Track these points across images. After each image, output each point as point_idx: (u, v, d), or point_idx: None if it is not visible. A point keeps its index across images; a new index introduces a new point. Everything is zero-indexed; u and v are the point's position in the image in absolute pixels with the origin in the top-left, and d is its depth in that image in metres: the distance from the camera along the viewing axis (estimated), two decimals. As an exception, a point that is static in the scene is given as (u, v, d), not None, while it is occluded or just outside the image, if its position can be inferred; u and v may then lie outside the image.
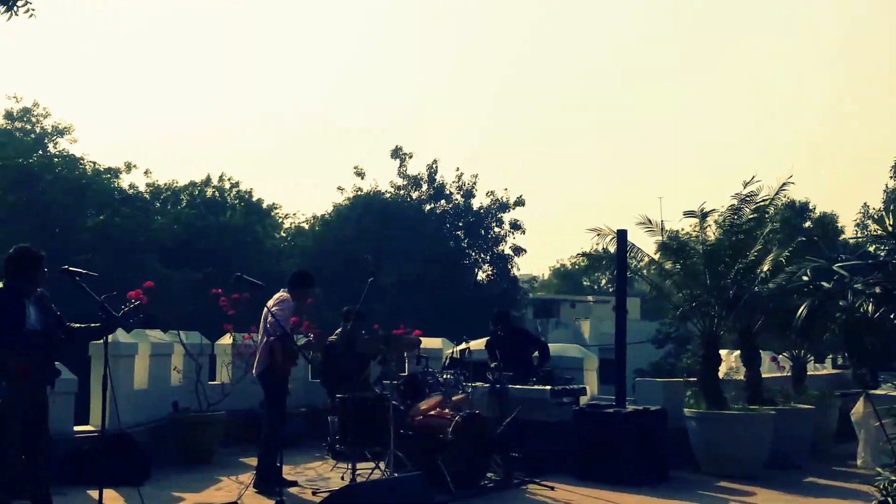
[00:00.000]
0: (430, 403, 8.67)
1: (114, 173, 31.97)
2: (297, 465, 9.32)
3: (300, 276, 8.71)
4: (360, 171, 33.67)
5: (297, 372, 11.75)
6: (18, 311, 6.10)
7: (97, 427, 9.04)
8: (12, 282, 6.20)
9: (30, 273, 6.24)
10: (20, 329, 6.07)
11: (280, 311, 8.01)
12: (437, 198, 34.17)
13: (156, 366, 10.23)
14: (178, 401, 9.87)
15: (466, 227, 34.05)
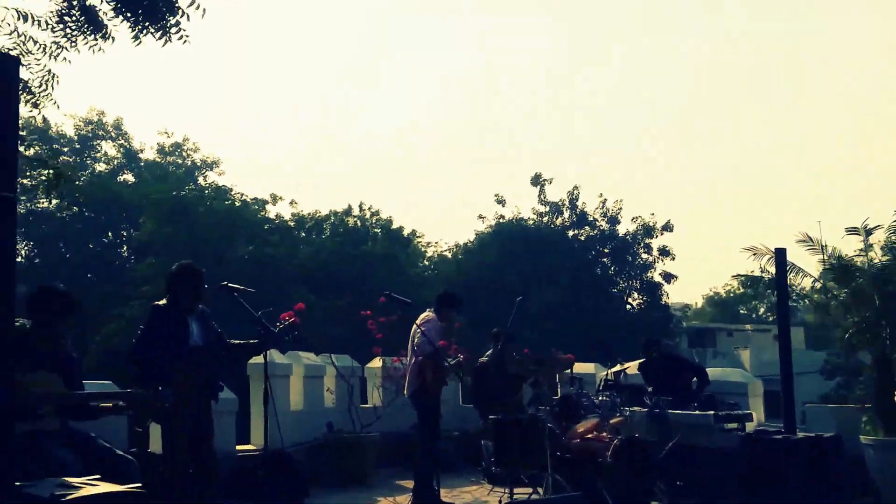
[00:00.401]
0: (586, 426, 8.57)
1: (261, 204, 33.45)
2: (453, 489, 9.33)
3: (446, 296, 8.77)
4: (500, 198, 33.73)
5: (447, 395, 11.84)
6: (182, 327, 6.32)
7: (257, 446, 9.35)
8: (175, 298, 6.43)
9: (191, 289, 6.46)
10: (184, 345, 6.28)
11: (426, 331, 8.07)
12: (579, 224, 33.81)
13: (310, 387, 10.52)
14: (332, 422, 10.11)
15: (612, 254, 33.49)
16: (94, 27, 6.38)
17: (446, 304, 8.57)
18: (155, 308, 6.44)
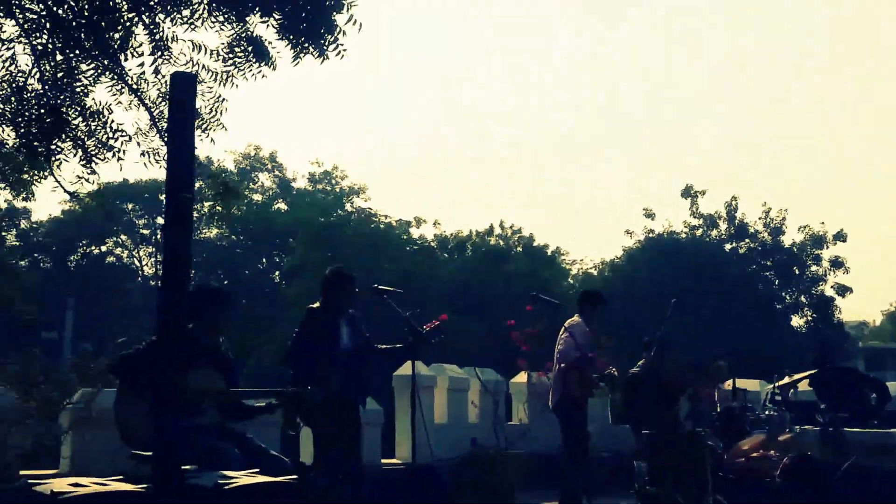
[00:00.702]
0: (752, 443, 8.09)
1: (405, 226, 34.37)
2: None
3: (588, 295, 8.59)
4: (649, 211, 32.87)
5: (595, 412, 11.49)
6: (332, 331, 6.53)
7: (402, 460, 9.28)
8: (327, 301, 6.66)
9: (342, 293, 6.69)
10: (334, 348, 6.44)
11: (569, 337, 7.84)
12: (738, 236, 32.51)
13: (454, 400, 10.43)
14: (476, 438, 9.93)
15: (776, 268, 31.95)
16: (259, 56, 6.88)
17: (590, 302, 8.31)
18: (309, 311, 6.73)
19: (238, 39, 6.78)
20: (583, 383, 7.79)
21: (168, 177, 4.09)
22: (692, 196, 32.81)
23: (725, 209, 32.70)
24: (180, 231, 4.04)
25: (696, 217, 32.97)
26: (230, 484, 3.96)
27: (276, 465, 5.27)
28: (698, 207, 32.88)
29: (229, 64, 6.87)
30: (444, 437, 9.85)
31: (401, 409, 9.73)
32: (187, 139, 4.10)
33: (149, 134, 7.00)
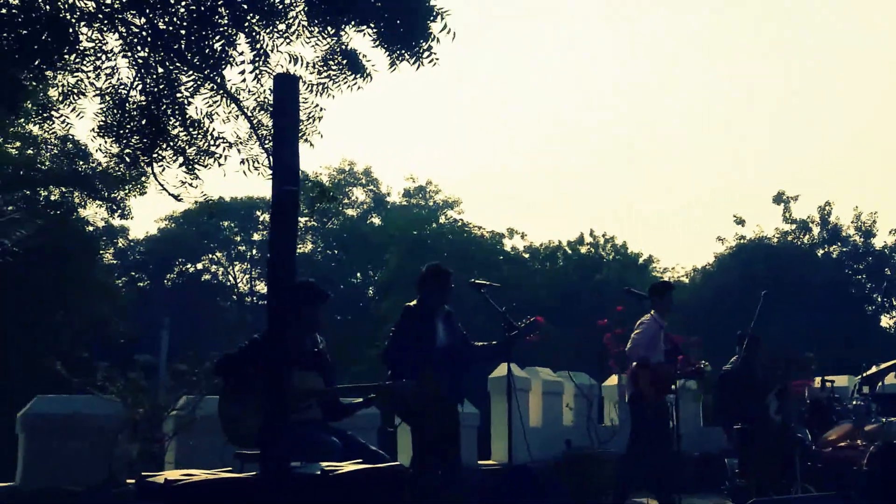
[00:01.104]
0: (839, 433, 8.10)
1: (498, 238, 34.73)
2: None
3: (653, 287, 8.49)
4: (739, 218, 32.48)
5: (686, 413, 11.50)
6: (429, 328, 6.57)
7: (499, 461, 9.44)
8: (424, 299, 6.72)
9: (439, 289, 6.70)
10: (430, 345, 6.50)
11: (638, 334, 7.84)
12: (831, 241, 31.90)
13: (548, 403, 10.58)
14: (570, 439, 10.05)
15: (868, 270, 31.29)
16: (353, 69, 7.00)
17: (657, 293, 8.24)
18: (406, 309, 6.79)
19: (333, 53, 6.93)
20: (654, 381, 7.71)
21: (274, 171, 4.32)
22: (784, 202, 32.41)
23: (819, 213, 32.20)
24: (286, 223, 4.23)
25: (789, 222, 32.54)
26: (336, 471, 4.14)
27: (378, 459, 5.37)
28: (791, 213, 32.45)
29: (324, 76, 7.03)
30: (539, 439, 9.94)
31: (496, 411, 9.90)
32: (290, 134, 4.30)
33: (248, 142, 7.19)
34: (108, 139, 6.99)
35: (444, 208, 43.64)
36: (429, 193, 45.11)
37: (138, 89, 6.83)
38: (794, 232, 32.47)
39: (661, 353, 7.88)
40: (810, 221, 32.32)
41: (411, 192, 45.18)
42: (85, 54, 6.41)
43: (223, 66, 6.56)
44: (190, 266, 42.54)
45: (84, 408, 6.92)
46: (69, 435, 6.94)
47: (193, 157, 7.11)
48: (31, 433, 7.04)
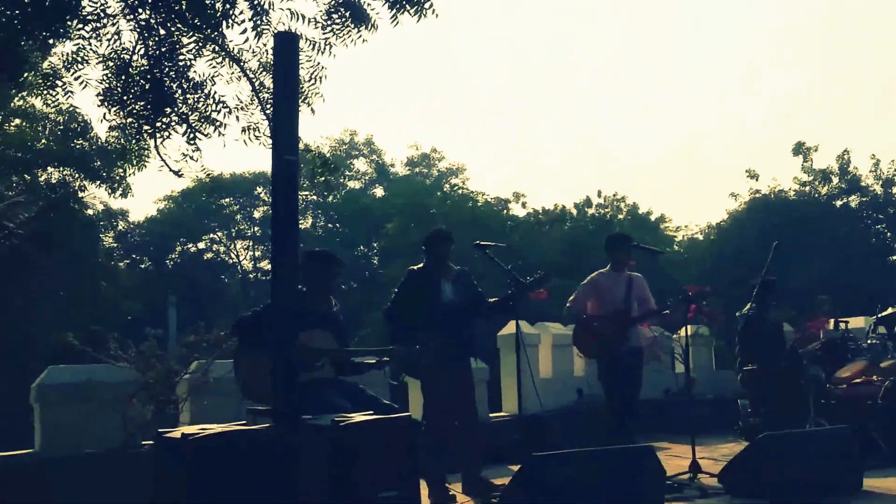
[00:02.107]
0: (853, 370, 8.23)
1: (503, 204, 34.92)
2: (709, 447, 9.20)
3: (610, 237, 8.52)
4: (752, 172, 32.25)
5: (698, 358, 11.78)
6: (433, 289, 6.85)
7: (510, 412, 9.71)
8: (428, 261, 7.02)
9: (437, 251, 6.99)
10: (434, 305, 6.77)
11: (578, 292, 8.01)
12: (850, 191, 31.70)
13: (558, 355, 10.80)
14: (581, 388, 10.31)
15: (888, 220, 30.81)
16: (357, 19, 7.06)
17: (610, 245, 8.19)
18: (409, 271, 7.10)
19: (336, 5, 7.00)
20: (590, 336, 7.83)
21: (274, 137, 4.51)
22: (804, 153, 32.16)
23: (838, 163, 31.91)
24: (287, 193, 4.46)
25: (808, 173, 32.29)
26: (347, 421, 4.40)
27: (388, 412, 5.52)
28: (812, 164, 32.17)
29: (328, 31, 7.09)
30: (551, 390, 10.23)
31: (506, 366, 10.14)
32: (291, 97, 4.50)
33: (250, 107, 7.35)
34: (111, 107, 7.14)
35: (448, 176, 44.05)
36: (432, 161, 45.43)
37: (140, 53, 6.98)
38: (812, 183, 32.21)
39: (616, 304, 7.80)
40: (830, 172, 32.08)
41: (415, 160, 45.66)
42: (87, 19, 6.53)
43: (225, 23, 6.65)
44: (191, 245, 42.77)
45: (98, 375, 7.09)
46: (85, 401, 7.12)
47: (195, 125, 7.25)
48: (46, 402, 7.21)
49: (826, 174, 31.90)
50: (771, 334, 8.85)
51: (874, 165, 31.53)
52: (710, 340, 12.32)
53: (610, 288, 7.91)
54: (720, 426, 10.44)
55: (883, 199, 31.20)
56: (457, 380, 6.88)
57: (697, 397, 10.16)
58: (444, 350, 6.52)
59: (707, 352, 12.35)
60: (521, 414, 7.21)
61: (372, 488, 4.24)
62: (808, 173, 32.12)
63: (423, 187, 37.96)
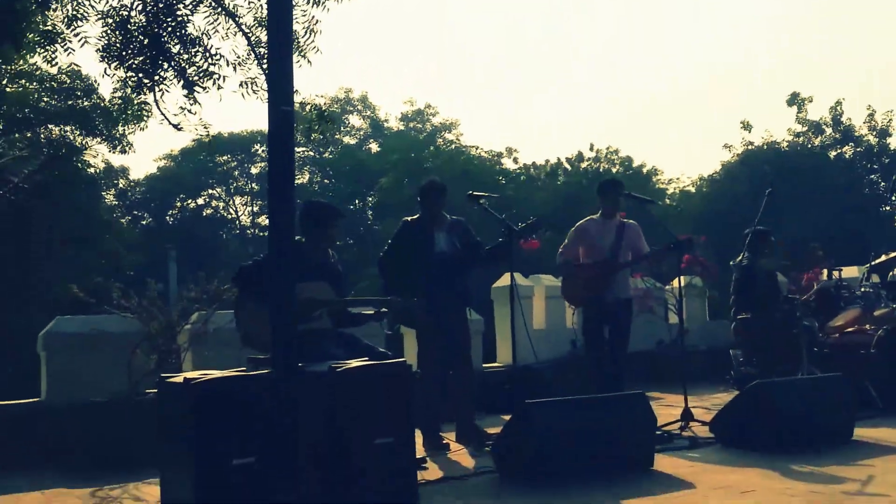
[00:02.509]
0: (847, 318, 8.19)
1: (496, 158, 34.86)
2: (701, 396, 9.27)
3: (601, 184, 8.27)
4: (746, 124, 32.11)
5: (692, 309, 11.83)
6: (426, 239, 6.85)
7: (504, 363, 9.79)
8: (422, 211, 7.02)
9: (429, 201, 7.00)
10: (429, 254, 6.79)
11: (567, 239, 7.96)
12: (843, 142, 31.55)
13: (552, 307, 10.83)
14: (575, 339, 10.37)
15: (882, 170, 30.59)
16: None
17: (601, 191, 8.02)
18: (404, 222, 7.10)
19: None
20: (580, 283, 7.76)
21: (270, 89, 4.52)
22: (798, 103, 31.91)
23: (831, 114, 31.75)
24: (283, 144, 4.49)
25: (802, 124, 32.12)
26: (343, 367, 4.47)
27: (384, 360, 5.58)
28: (806, 114, 31.97)
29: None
30: (544, 341, 10.26)
31: (500, 318, 10.21)
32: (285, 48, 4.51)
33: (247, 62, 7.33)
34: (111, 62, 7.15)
35: (441, 131, 44.15)
36: (426, 116, 45.61)
37: (138, 10, 6.97)
38: (807, 134, 32.05)
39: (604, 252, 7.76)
40: (823, 123, 31.93)
41: (409, 115, 45.94)
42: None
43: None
44: (191, 202, 43.09)
45: (103, 325, 7.23)
46: (90, 351, 7.31)
47: (193, 79, 7.25)
48: (52, 351, 7.43)
49: (819, 125, 31.78)
50: (765, 284, 8.84)
51: (868, 116, 31.43)
52: (703, 291, 12.36)
53: (598, 235, 7.85)
54: (713, 376, 10.54)
55: (878, 149, 31.09)
56: (451, 330, 6.90)
57: (690, 348, 10.21)
58: (438, 300, 6.57)
59: (701, 302, 12.40)
60: (514, 364, 7.24)
61: (367, 435, 4.30)
62: (803, 124, 32.00)
63: (417, 142, 38.08)
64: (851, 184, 30.13)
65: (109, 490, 5.68)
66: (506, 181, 31.49)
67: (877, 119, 31.28)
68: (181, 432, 4.03)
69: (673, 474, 5.15)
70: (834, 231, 26.93)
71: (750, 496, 4.44)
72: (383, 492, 4.32)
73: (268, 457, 3.96)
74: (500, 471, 5.37)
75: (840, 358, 7.88)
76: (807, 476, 4.91)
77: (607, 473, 5.12)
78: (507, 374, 9.22)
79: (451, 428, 6.99)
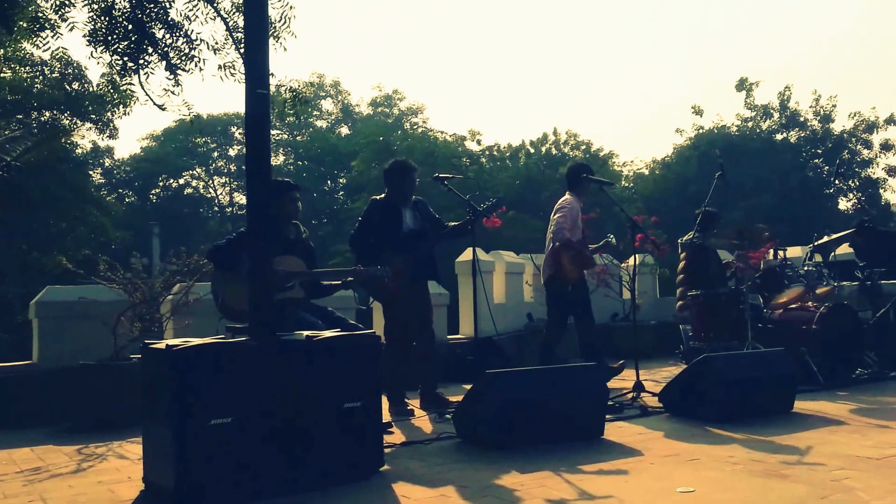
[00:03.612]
0: (790, 295, 8.24)
1: (460, 140, 35.02)
2: (651, 369, 9.38)
3: (574, 167, 8.39)
4: (697, 109, 32.29)
5: (643, 285, 11.94)
6: (395, 217, 6.86)
7: (466, 335, 9.86)
8: (390, 191, 7.00)
9: (404, 181, 6.96)
10: (398, 231, 6.81)
11: (561, 217, 7.82)
12: (789, 126, 31.73)
13: (511, 282, 10.90)
14: (531, 313, 10.47)
15: (826, 155, 30.82)
16: None
17: (574, 174, 8.13)
18: (372, 201, 7.06)
19: None
20: (575, 262, 7.78)
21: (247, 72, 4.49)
22: (746, 88, 31.94)
23: (779, 99, 31.86)
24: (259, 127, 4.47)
25: (751, 109, 32.16)
26: (319, 336, 4.50)
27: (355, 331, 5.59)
28: (754, 100, 32.03)
29: None
30: (504, 315, 10.34)
31: (463, 291, 10.26)
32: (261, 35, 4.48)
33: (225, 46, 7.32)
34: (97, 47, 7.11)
35: (408, 115, 44.29)
36: (394, 101, 45.68)
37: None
38: (755, 119, 32.17)
39: (580, 232, 7.92)
40: (771, 108, 32.04)
41: (378, 101, 46.03)
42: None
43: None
44: (173, 181, 43.02)
45: (90, 295, 7.29)
46: (78, 318, 7.37)
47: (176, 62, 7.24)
48: (44, 318, 7.53)
49: (767, 110, 31.88)
50: (713, 261, 8.94)
51: (814, 101, 31.55)
52: (654, 268, 12.48)
53: (580, 215, 8.01)
54: (663, 349, 10.67)
55: (821, 134, 31.24)
56: (416, 302, 6.95)
57: (642, 322, 10.31)
58: (404, 273, 6.62)
59: (652, 279, 12.52)
60: (476, 336, 7.33)
61: (338, 399, 4.34)
62: (752, 109, 32.09)
63: (386, 126, 38.07)
64: (796, 167, 30.28)
65: (95, 448, 5.71)
66: (470, 164, 31.49)
67: (822, 104, 31.39)
68: (162, 395, 4.06)
69: (623, 442, 5.20)
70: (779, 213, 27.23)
71: (694, 464, 4.50)
72: (351, 452, 4.36)
73: (243, 418, 3.99)
74: (460, 436, 5.41)
75: (783, 333, 7.93)
76: (749, 445, 4.96)
77: (561, 440, 5.15)
78: (469, 344, 9.27)
79: (415, 395, 7.04)
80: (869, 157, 30.91)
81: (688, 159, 30.93)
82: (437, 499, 3.90)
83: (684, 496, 3.82)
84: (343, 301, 6.69)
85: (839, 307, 8.04)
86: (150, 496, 4.18)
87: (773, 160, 29.69)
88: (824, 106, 31.34)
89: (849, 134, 30.92)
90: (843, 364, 7.90)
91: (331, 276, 6.49)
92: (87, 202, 23.90)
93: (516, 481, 4.19)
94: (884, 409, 6.26)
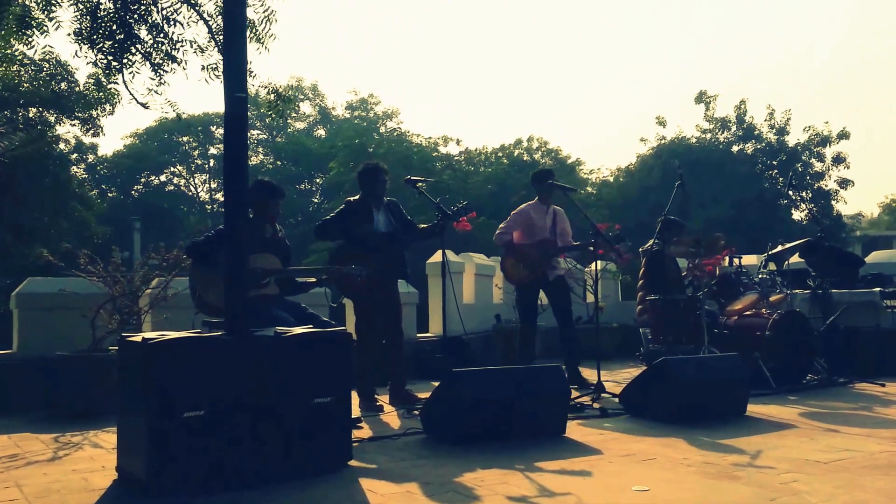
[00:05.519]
0: (745, 302, 8.30)
1: (433, 145, 35.03)
2: (612, 371, 9.40)
3: (536, 174, 8.48)
4: (661, 120, 32.44)
5: (606, 289, 11.98)
6: (367, 217, 6.83)
7: (435, 333, 9.84)
8: (363, 192, 6.98)
9: (371, 183, 6.95)
10: (369, 231, 6.77)
11: (505, 222, 8.07)
12: (746, 139, 31.96)
13: (480, 284, 10.89)
14: (500, 314, 10.47)
15: (780, 166, 30.98)
16: None
17: (536, 180, 8.27)
18: (347, 202, 7.05)
19: None
20: (522, 262, 7.92)
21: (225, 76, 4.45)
22: (705, 101, 32.15)
23: (735, 113, 32.14)
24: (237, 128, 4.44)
25: (710, 122, 32.42)
26: (289, 332, 4.46)
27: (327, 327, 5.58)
28: (714, 112, 32.31)
29: None
30: (473, 315, 10.32)
31: (433, 292, 10.22)
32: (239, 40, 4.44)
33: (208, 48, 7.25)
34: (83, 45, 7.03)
35: (384, 119, 44.32)
36: (370, 105, 45.83)
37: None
38: (713, 131, 32.42)
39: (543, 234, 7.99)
40: (728, 121, 32.30)
41: (354, 105, 46.23)
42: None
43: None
44: (154, 178, 42.80)
45: (71, 287, 7.20)
46: (58, 310, 7.29)
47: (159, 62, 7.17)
48: (24, 309, 7.44)
49: (725, 122, 32.15)
50: (672, 268, 8.99)
51: (769, 115, 31.86)
52: (617, 274, 12.54)
53: (538, 218, 8.06)
54: (625, 351, 10.70)
55: (776, 146, 31.52)
56: (386, 301, 6.93)
57: (604, 325, 10.34)
58: (375, 272, 6.55)
59: (614, 284, 12.59)
60: (445, 335, 7.30)
61: (309, 394, 4.31)
62: (710, 121, 32.36)
63: (362, 129, 38.07)
64: (752, 178, 30.50)
65: (71, 436, 5.64)
66: (444, 168, 31.52)
67: (776, 119, 31.73)
68: (137, 386, 4.01)
69: (583, 442, 5.20)
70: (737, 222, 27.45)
71: (650, 464, 4.51)
72: (321, 446, 4.32)
73: (216, 411, 3.95)
74: (427, 432, 5.39)
75: (737, 338, 7.98)
76: (703, 446, 4.98)
77: (524, 439, 5.16)
78: (438, 343, 9.26)
79: (385, 391, 7.01)
80: (822, 169, 31.20)
81: (650, 168, 31.07)
82: (402, 494, 3.88)
83: (639, 494, 3.82)
84: (317, 298, 6.64)
85: (791, 314, 8.11)
86: (122, 485, 4.12)
87: (730, 171, 29.93)
88: (779, 120, 31.67)
89: (803, 146, 31.18)
90: (795, 369, 7.95)
91: (305, 273, 6.47)
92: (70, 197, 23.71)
93: (478, 477, 4.17)
94: (832, 414, 6.31)
